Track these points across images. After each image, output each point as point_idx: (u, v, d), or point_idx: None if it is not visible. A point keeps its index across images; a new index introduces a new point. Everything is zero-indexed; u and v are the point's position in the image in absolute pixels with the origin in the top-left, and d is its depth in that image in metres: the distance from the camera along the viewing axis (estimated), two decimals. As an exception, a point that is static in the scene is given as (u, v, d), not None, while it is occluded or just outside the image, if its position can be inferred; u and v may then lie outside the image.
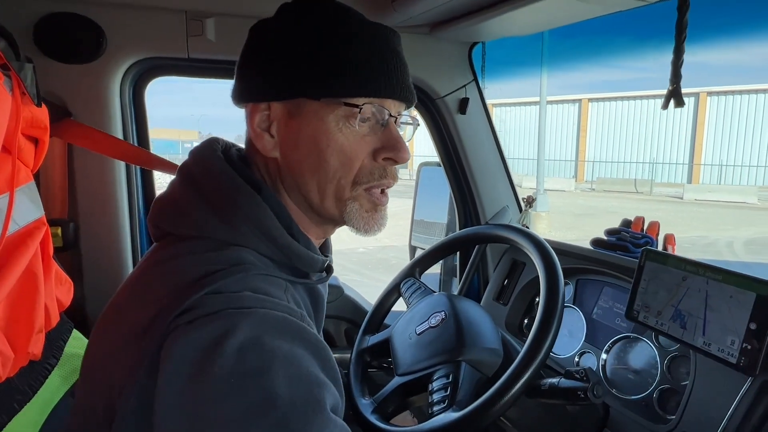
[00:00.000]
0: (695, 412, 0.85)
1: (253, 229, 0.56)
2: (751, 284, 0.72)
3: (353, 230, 0.64)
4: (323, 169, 0.60)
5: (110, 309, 0.60)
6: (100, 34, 1.06)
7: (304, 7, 0.61)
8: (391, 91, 0.60)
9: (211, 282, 0.49)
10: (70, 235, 1.11)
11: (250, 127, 0.61)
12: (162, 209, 0.61)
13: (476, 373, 0.88)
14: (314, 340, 0.50)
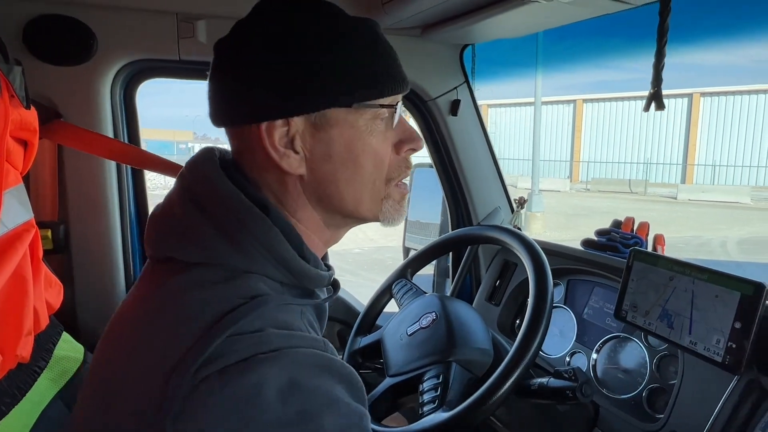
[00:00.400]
0: (683, 411, 0.86)
1: (265, 253, 0.53)
2: (736, 284, 0.73)
3: (383, 224, 0.64)
4: (359, 175, 0.58)
5: (122, 329, 0.56)
6: (90, 37, 1.06)
7: (305, 7, 0.56)
8: (402, 85, 0.60)
9: (233, 322, 0.47)
10: (60, 237, 1.11)
11: (269, 146, 0.55)
12: (163, 230, 0.57)
13: (467, 373, 0.89)
14: (345, 370, 0.50)
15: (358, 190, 0.59)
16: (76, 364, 0.91)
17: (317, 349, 0.49)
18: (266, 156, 0.55)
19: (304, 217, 0.59)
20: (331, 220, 0.61)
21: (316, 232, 0.60)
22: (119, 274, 1.19)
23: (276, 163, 0.55)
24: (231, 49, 0.57)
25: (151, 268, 0.58)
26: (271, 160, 0.55)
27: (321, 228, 0.61)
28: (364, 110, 0.56)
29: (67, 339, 0.92)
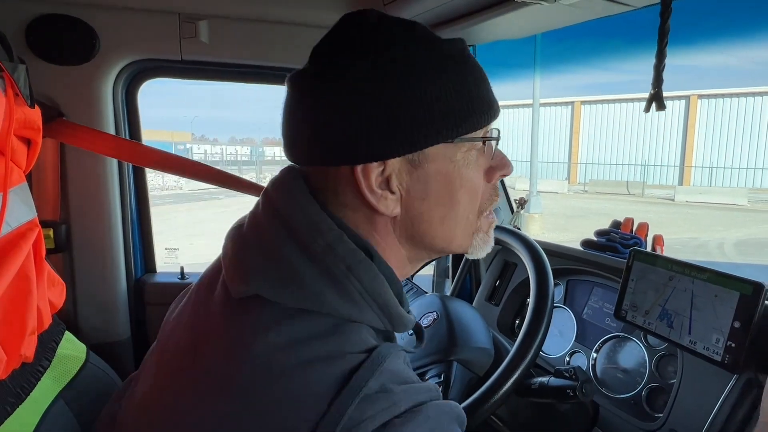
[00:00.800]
0: (682, 410, 0.86)
1: (371, 303, 0.51)
2: (734, 284, 0.74)
3: (470, 257, 0.61)
4: (454, 211, 0.55)
5: (201, 374, 0.50)
6: (92, 36, 1.07)
7: (400, 38, 0.51)
8: (498, 111, 0.56)
9: (362, 382, 0.45)
10: (62, 236, 1.11)
11: (366, 189, 0.51)
12: (256, 266, 0.51)
13: (468, 372, 0.89)
14: (459, 411, 0.50)
15: (452, 227, 0.56)
16: (78, 363, 0.91)
17: (437, 398, 0.49)
18: (358, 197, 0.52)
19: (391, 256, 0.56)
20: (416, 255, 0.59)
21: (399, 269, 0.57)
22: (120, 274, 1.20)
23: (371, 204, 0.52)
24: (316, 86, 0.52)
25: (232, 302, 0.53)
26: (363, 201, 0.52)
27: (404, 264, 0.59)
28: (463, 143, 0.53)
29: (69, 338, 0.92)
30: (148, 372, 0.59)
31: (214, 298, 0.56)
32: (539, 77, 14.33)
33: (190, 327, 0.56)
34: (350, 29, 0.53)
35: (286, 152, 0.57)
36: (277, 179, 0.56)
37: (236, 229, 0.57)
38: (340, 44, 0.53)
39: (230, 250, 0.55)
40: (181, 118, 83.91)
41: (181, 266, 1.32)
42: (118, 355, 1.20)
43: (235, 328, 0.51)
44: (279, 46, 1.17)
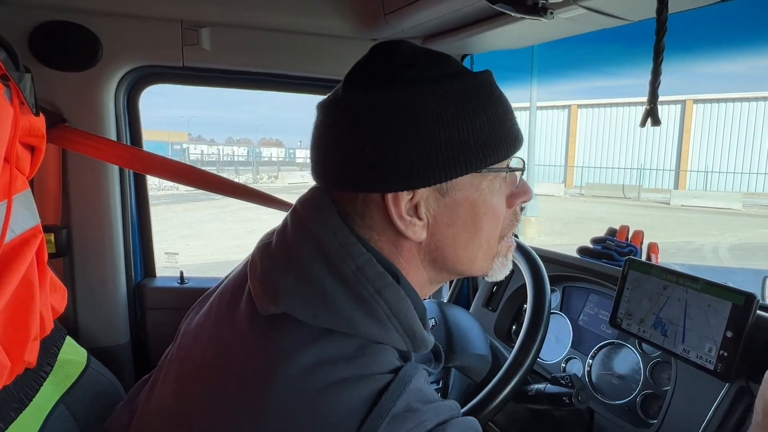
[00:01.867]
0: (675, 417, 0.88)
1: (396, 324, 0.52)
2: (727, 294, 0.75)
3: (488, 280, 0.64)
4: (477, 237, 0.57)
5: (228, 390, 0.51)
6: (95, 43, 1.07)
7: (434, 74, 0.53)
8: (522, 141, 0.58)
9: (391, 402, 0.46)
10: (63, 241, 1.12)
11: (395, 216, 0.53)
12: (287, 285, 0.52)
13: (465, 378, 0.90)
14: (476, 425, 0.52)
15: (474, 252, 0.58)
16: (79, 368, 0.92)
17: (458, 414, 0.51)
18: (385, 221, 0.54)
19: (414, 278, 0.58)
20: (437, 277, 0.61)
21: (420, 290, 0.59)
22: (120, 278, 1.20)
23: (399, 230, 0.54)
24: (350, 114, 0.53)
25: (260, 320, 0.53)
26: (390, 225, 0.54)
27: (425, 285, 0.61)
28: (490, 172, 0.55)
29: (70, 343, 0.93)
30: (168, 381, 0.60)
31: (239, 313, 0.57)
32: (536, 80, 14.38)
33: (214, 342, 0.57)
34: (384, 60, 0.55)
35: (314, 175, 0.59)
36: (307, 200, 0.58)
37: (265, 247, 0.58)
38: (373, 74, 0.55)
39: (259, 269, 0.56)
40: (177, 118, 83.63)
41: (181, 271, 1.33)
42: (118, 360, 1.20)
43: (263, 348, 0.51)
44: (280, 54, 1.18)
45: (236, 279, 0.63)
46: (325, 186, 0.58)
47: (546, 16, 0.69)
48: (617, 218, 14.30)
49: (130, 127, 1.22)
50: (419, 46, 0.57)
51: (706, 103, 22.29)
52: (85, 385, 0.91)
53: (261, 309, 0.53)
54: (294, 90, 1.28)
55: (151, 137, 36.51)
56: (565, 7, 0.81)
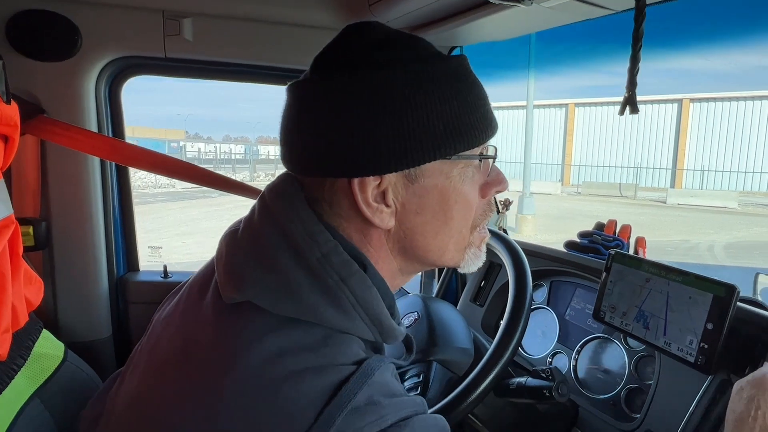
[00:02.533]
0: (658, 410, 0.87)
1: (363, 314, 0.51)
2: (708, 286, 0.74)
3: (461, 271, 0.62)
4: (448, 226, 0.56)
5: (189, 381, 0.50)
6: (74, 32, 1.06)
7: (405, 57, 0.51)
8: (496, 128, 0.57)
9: (351, 395, 0.45)
10: (42, 233, 1.10)
11: (362, 202, 0.52)
12: (251, 274, 0.51)
13: (448, 372, 0.90)
14: (441, 423, 0.51)
15: (445, 241, 0.57)
16: (56, 362, 0.91)
17: (423, 412, 0.50)
18: (353, 208, 0.52)
19: (384, 267, 0.56)
20: (408, 268, 0.59)
21: (390, 280, 0.58)
22: (102, 272, 1.19)
23: (366, 217, 0.52)
24: (318, 97, 0.52)
25: (224, 308, 0.52)
26: (358, 213, 0.52)
27: (396, 275, 0.59)
28: (460, 159, 0.54)
29: (47, 336, 0.92)
30: (136, 371, 0.59)
31: (205, 302, 0.56)
32: (534, 79, 14.39)
33: (180, 331, 0.56)
34: (354, 42, 0.54)
35: (283, 160, 0.57)
36: (275, 186, 0.56)
37: (231, 234, 0.57)
38: (342, 56, 0.53)
39: (224, 256, 0.55)
40: (174, 116, 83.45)
41: (164, 265, 1.32)
42: (99, 354, 1.19)
43: (226, 336, 0.50)
44: (263, 45, 1.17)
45: (207, 269, 0.62)
46: (293, 171, 0.56)
47: (524, 2, 0.68)
48: (615, 217, 14.31)
49: (112, 119, 1.20)
50: (392, 28, 0.55)
51: (703, 102, 22.34)
52: (62, 379, 0.90)
53: (225, 297, 0.52)
54: (277, 82, 1.27)
55: (148, 135, 36.41)
56: (547, -5, 0.80)
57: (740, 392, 0.57)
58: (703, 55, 26.59)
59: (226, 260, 0.54)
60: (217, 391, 0.47)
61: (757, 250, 10.68)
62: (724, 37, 18.74)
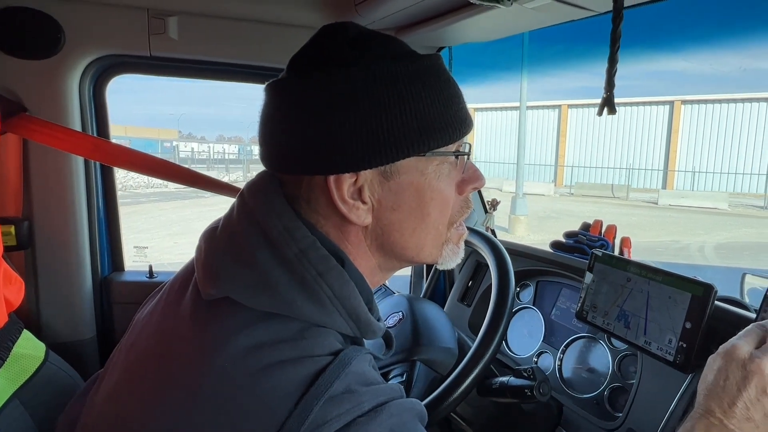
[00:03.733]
0: (640, 409, 0.88)
1: (340, 308, 0.51)
2: (687, 285, 0.75)
3: (440, 267, 0.62)
4: (425, 222, 0.56)
5: (166, 376, 0.50)
6: (57, 30, 1.05)
7: (378, 54, 0.52)
8: (470, 126, 0.57)
9: (328, 383, 0.46)
10: (24, 233, 1.09)
11: (338, 199, 0.52)
12: (227, 269, 0.52)
13: (431, 372, 0.90)
14: (420, 407, 0.52)
15: (422, 238, 0.57)
16: (36, 362, 0.90)
17: (400, 396, 0.50)
18: (330, 205, 0.53)
19: (362, 264, 0.57)
20: (386, 264, 0.60)
21: (369, 276, 0.58)
22: (86, 273, 1.18)
23: (342, 213, 0.53)
24: (294, 95, 0.53)
25: (202, 304, 0.53)
26: (335, 209, 0.53)
27: (375, 272, 0.60)
28: (435, 156, 0.54)
29: (27, 337, 0.91)
30: (114, 371, 0.59)
31: (185, 299, 0.56)
32: (527, 80, 14.46)
33: (159, 328, 0.56)
34: (329, 41, 0.54)
35: (262, 159, 0.57)
36: (254, 184, 0.57)
37: (210, 231, 0.57)
38: (318, 56, 0.54)
39: (203, 252, 0.55)
40: (167, 115, 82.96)
41: (150, 265, 1.31)
42: (83, 355, 1.18)
43: (203, 331, 0.51)
44: (248, 44, 1.17)
45: (188, 267, 0.62)
46: (272, 169, 0.57)
47: (504, 3, 0.68)
48: (607, 218, 14.41)
49: (96, 118, 1.19)
50: (367, 29, 0.56)
51: (694, 104, 22.54)
52: (43, 380, 0.89)
53: (204, 293, 0.53)
54: (263, 81, 1.25)
55: (141, 134, 36.14)
56: (529, -4, 0.80)
57: (711, 363, 0.58)
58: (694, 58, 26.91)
59: (205, 257, 0.55)
60: (194, 384, 0.47)
61: (747, 250, 10.80)
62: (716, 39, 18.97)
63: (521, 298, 1.28)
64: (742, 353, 0.55)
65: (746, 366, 0.54)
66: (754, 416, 0.53)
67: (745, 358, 0.55)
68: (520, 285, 1.28)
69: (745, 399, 0.53)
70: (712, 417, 0.55)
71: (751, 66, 30.56)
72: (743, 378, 0.54)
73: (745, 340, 0.56)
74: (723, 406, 0.54)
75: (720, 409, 0.54)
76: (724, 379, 0.55)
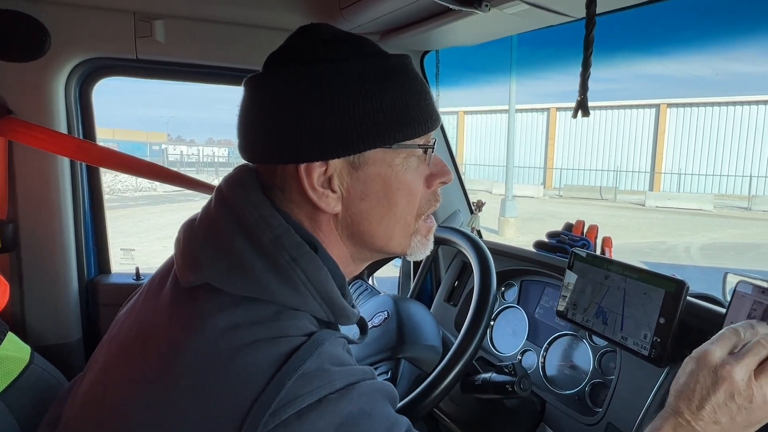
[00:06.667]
0: (619, 404, 0.90)
1: (314, 292, 0.54)
2: (661, 282, 0.78)
3: (409, 258, 0.65)
4: (392, 212, 0.59)
5: (148, 358, 0.52)
6: (43, 33, 1.05)
7: (346, 52, 0.56)
8: (437, 122, 0.60)
9: (300, 361, 0.48)
10: (9, 235, 1.08)
11: (308, 187, 0.55)
12: (206, 256, 0.54)
13: (415, 369, 0.91)
14: (390, 388, 0.54)
15: (390, 227, 0.60)
16: (21, 365, 0.90)
17: (371, 378, 0.52)
18: (302, 194, 0.56)
19: (335, 252, 0.59)
20: (358, 254, 0.62)
21: (343, 265, 0.60)
22: (71, 275, 1.18)
23: (313, 201, 0.56)
24: (269, 89, 0.56)
25: (181, 292, 0.55)
26: (307, 198, 0.56)
27: (348, 261, 0.62)
28: (401, 149, 0.57)
29: (12, 339, 0.91)
30: (95, 366, 0.60)
31: (164, 290, 0.58)
32: (515, 83, 14.58)
33: (138, 320, 0.58)
34: (304, 40, 0.58)
35: (239, 150, 0.60)
36: (231, 176, 0.60)
37: (189, 223, 0.60)
38: (292, 53, 0.57)
39: (182, 242, 0.58)
40: (157, 118, 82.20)
41: (137, 267, 1.31)
42: (68, 357, 1.17)
43: (182, 315, 0.53)
44: (235, 47, 1.18)
45: (168, 263, 0.64)
46: (248, 160, 0.59)
47: (481, 8, 0.70)
48: (595, 220, 14.53)
49: (82, 121, 1.19)
50: (340, 30, 0.59)
51: (679, 107, 22.90)
52: (28, 382, 0.89)
53: (183, 281, 0.55)
54: None
55: (129, 137, 35.76)
56: (507, 2, 0.83)
57: (684, 366, 0.59)
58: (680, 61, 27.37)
59: (184, 246, 0.57)
60: (171, 365, 0.49)
61: (732, 251, 10.98)
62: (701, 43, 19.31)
63: (506, 297, 1.30)
64: (714, 358, 0.56)
65: (717, 372, 0.55)
66: (721, 420, 0.55)
67: (716, 364, 0.56)
68: (504, 285, 1.30)
69: (714, 403, 0.55)
70: (681, 417, 0.57)
71: (737, 69, 31.13)
72: (713, 383, 0.55)
73: (718, 345, 0.57)
74: (692, 407, 0.56)
75: (689, 410, 0.56)
76: (695, 383, 0.56)
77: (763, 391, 0.54)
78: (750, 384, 0.54)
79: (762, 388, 0.54)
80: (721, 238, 12.44)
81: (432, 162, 0.61)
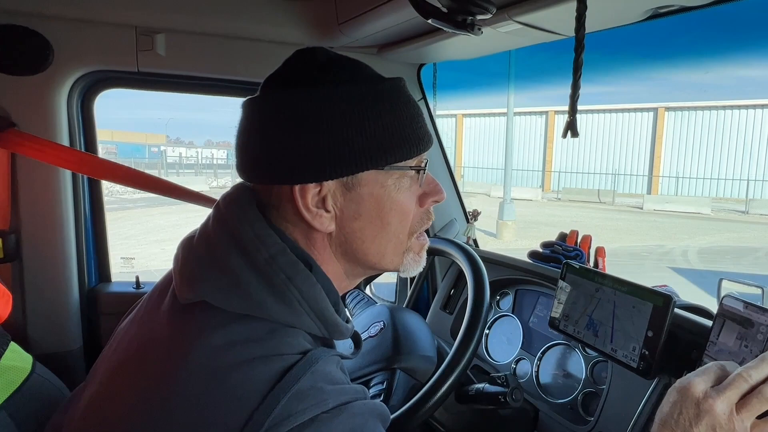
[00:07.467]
0: (610, 413, 0.92)
1: (308, 310, 0.55)
2: (649, 296, 0.80)
3: (402, 275, 0.66)
4: (385, 231, 0.60)
5: (146, 374, 0.53)
6: (46, 47, 1.07)
7: (341, 77, 0.57)
8: (429, 143, 0.62)
9: (294, 380, 0.49)
10: (12, 246, 1.10)
11: (302, 207, 0.56)
12: (202, 273, 0.55)
13: (411, 379, 0.93)
14: (382, 409, 0.55)
15: (383, 245, 0.61)
16: (23, 374, 0.91)
17: (364, 398, 0.53)
18: (296, 213, 0.57)
19: (329, 269, 0.61)
20: (352, 271, 0.64)
21: (337, 282, 0.62)
22: (72, 284, 1.19)
23: (307, 221, 0.57)
24: (265, 112, 0.58)
25: (179, 308, 0.56)
26: (301, 217, 0.57)
27: (341, 278, 0.63)
28: (394, 170, 0.59)
29: (14, 349, 0.92)
30: (96, 379, 0.61)
31: (163, 305, 0.59)
32: (514, 87, 14.64)
33: (138, 333, 0.59)
34: (299, 64, 0.60)
35: (237, 170, 0.62)
36: (229, 195, 0.62)
37: (187, 241, 0.61)
38: (289, 77, 0.59)
39: (180, 259, 0.59)
40: (155, 120, 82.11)
41: (137, 276, 1.32)
42: (69, 366, 1.19)
43: (179, 331, 0.54)
44: (234, 61, 1.20)
45: (167, 276, 0.66)
46: (246, 179, 0.61)
47: (474, 32, 0.72)
48: (594, 223, 14.58)
49: (84, 133, 1.21)
50: (336, 54, 0.61)
51: (677, 111, 22.98)
52: (30, 391, 0.90)
53: (181, 298, 0.56)
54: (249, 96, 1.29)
55: (128, 139, 35.74)
56: (500, 22, 0.85)
57: (669, 395, 0.60)
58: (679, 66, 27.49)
59: (182, 263, 0.58)
60: (170, 381, 0.50)
61: (729, 254, 11.02)
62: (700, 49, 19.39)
63: (501, 306, 1.32)
64: (697, 391, 0.57)
65: (700, 405, 0.56)
66: None
67: (699, 397, 0.56)
68: (499, 293, 1.32)
69: None
70: None
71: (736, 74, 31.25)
72: (696, 415, 0.56)
73: (702, 379, 0.58)
74: None
75: None
76: (677, 414, 0.57)
77: (744, 425, 0.55)
78: (731, 418, 0.55)
79: (743, 422, 0.55)
80: (719, 242, 12.48)
81: (424, 182, 0.63)
